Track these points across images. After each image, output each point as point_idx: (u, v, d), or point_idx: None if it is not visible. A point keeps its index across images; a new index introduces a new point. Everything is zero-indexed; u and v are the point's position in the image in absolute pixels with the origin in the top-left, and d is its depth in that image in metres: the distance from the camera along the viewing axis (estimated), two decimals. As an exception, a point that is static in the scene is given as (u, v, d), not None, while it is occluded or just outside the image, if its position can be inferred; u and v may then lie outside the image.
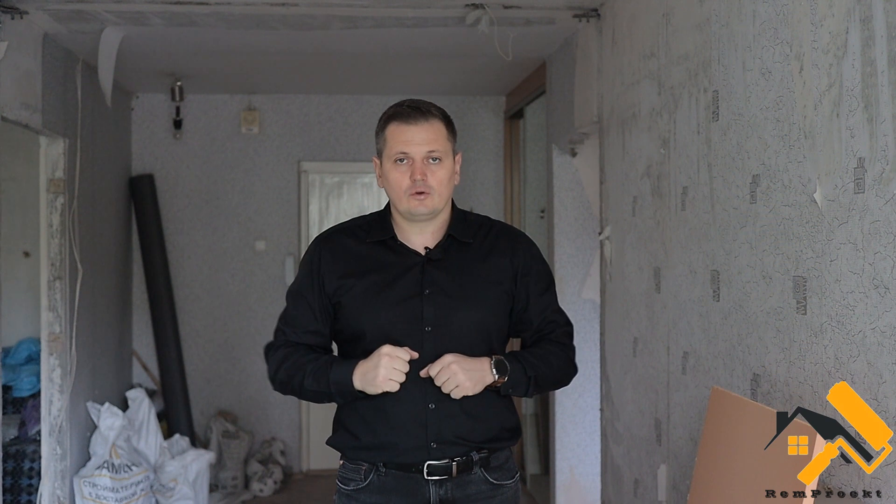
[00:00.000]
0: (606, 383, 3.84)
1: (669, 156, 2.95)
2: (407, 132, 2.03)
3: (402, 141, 2.03)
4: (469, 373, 1.98)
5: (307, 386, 2.03)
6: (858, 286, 1.81)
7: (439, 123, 2.07)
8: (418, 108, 2.06)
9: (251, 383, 6.00)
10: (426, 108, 2.06)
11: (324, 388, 2.02)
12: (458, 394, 1.98)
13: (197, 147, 5.99)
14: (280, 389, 2.12)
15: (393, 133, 2.05)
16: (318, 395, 2.05)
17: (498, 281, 2.12)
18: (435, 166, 2.05)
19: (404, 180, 2.03)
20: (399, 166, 2.05)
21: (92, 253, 4.86)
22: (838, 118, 1.88)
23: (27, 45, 3.93)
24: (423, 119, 2.04)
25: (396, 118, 2.06)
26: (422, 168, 2.03)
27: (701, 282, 2.66)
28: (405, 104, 2.08)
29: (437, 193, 2.05)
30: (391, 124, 2.06)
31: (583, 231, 4.62)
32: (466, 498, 2.07)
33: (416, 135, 2.03)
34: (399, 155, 2.04)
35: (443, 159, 2.06)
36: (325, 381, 2.01)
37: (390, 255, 2.10)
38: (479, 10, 3.76)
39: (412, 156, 2.03)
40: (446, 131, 2.08)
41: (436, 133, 2.05)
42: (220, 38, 4.31)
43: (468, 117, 6.10)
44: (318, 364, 2.03)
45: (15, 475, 4.64)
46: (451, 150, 2.09)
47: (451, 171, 2.08)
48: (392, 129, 2.06)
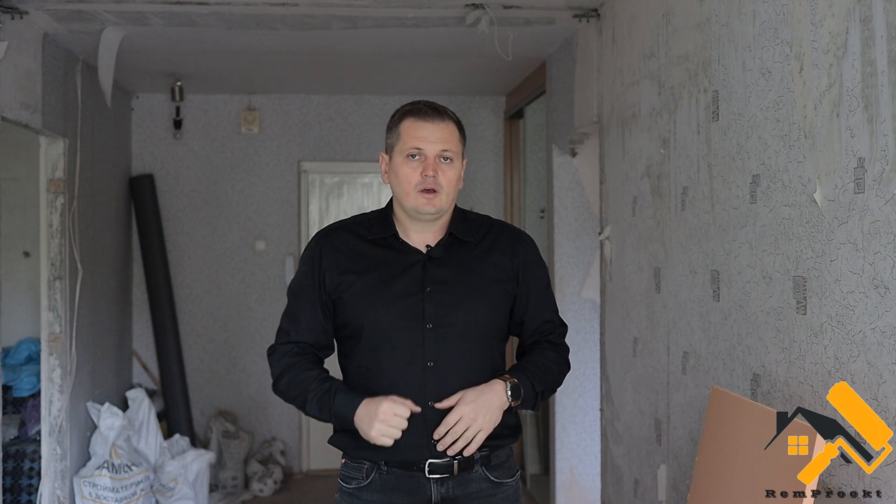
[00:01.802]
0: (606, 383, 3.84)
1: (669, 156, 2.95)
2: (423, 129, 2.05)
3: (418, 137, 2.05)
4: (487, 412, 2.00)
5: (310, 410, 2.06)
6: (858, 286, 1.81)
7: (453, 126, 2.10)
8: (435, 108, 2.10)
9: (251, 383, 6.00)
10: (443, 110, 2.10)
11: (325, 417, 2.05)
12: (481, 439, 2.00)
13: (197, 147, 5.99)
14: (282, 398, 2.14)
15: (408, 128, 2.07)
16: (319, 418, 2.08)
17: (499, 279, 2.13)
18: (446, 166, 2.06)
19: (415, 176, 2.05)
20: (411, 161, 2.06)
21: (92, 253, 4.87)
22: (838, 118, 1.88)
23: (27, 45, 3.93)
24: (440, 118, 2.07)
25: (413, 114, 2.08)
26: (434, 165, 2.05)
27: (701, 282, 2.66)
28: (422, 103, 2.11)
29: (446, 193, 2.06)
30: (407, 119, 2.08)
31: (583, 231, 4.62)
32: (467, 496, 2.08)
33: (432, 132, 2.05)
34: (413, 150, 2.06)
35: (454, 160, 2.08)
36: (328, 411, 2.03)
37: (391, 252, 2.11)
38: (479, 10, 3.76)
39: (426, 152, 2.05)
40: (458, 134, 2.11)
41: (450, 134, 2.08)
42: (220, 38, 4.31)
43: (468, 117, 6.10)
44: (322, 390, 2.04)
45: (15, 475, 4.64)
46: (460, 154, 2.12)
47: (458, 174, 2.11)
48: (408, 124, 2.08)
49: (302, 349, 2.12)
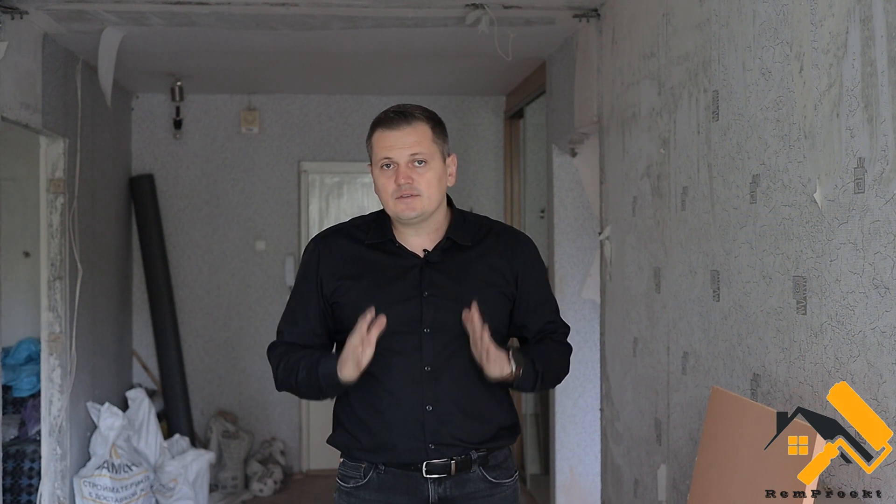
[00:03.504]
0: (606, 383, 3.84)
1: (669, 156, 2.95)
2: (389, 137, 2.05)
3: (386, 146, 2.05)
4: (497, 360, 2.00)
5: (301, 380, 2.05)
6: (858, 286, 1.81)
7: (423, 126, 2.07)
8: (401, 112, 2.07)
9: (251, 383, 6.00)
10: (409, 112, 2.07)
11: (314, 382, 2.03)
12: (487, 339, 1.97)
13: (197, 147, 5.99)
14: (281, 388, 2.14)
15: (377, 140, 2.08)
16: (312, 391, 2.06)
17: (497, 283, 2.12)
18: (421, 169, 2.05)
19: (390, 185, 2.05)
20: (385, 172, 2.06)
21: (92, 253, 4.86)
22: (838, 118, 1.88)
23: (27, 45, 3.93)
24: (406, 123, 2.05)
25: (379, 125, 2.08)
26: (406, 172, 2.04)
27: (701, 282, 2.66)
28: (390, 110, 2.10)
29: (427, 196, 2.05)
30: (376, 131, 2.09)
31: (583, 231, 4.62)
32: (465, 496, 2.08)
33: (399, 139, 2.04)
34: (384, 160, 2.06)
35: (428, 161, 2.05)
36: (315, 374, 2.02)
37: (388, 256, 2.11)
38: (479, 10, 3.76)
39: (396, 160, 2.05)
40: (432, 133, 2.08)
41: (419, 136, 2.05)
42: (220, 38, 4.31)
43: (468, 117, 6.10)
44: (310, 360, 2.05)
45: (15, 475, 4.64)
46: (438, 152, 2.09)
47: (440, 173, 2.08)
48: (377, 136, 2.08)
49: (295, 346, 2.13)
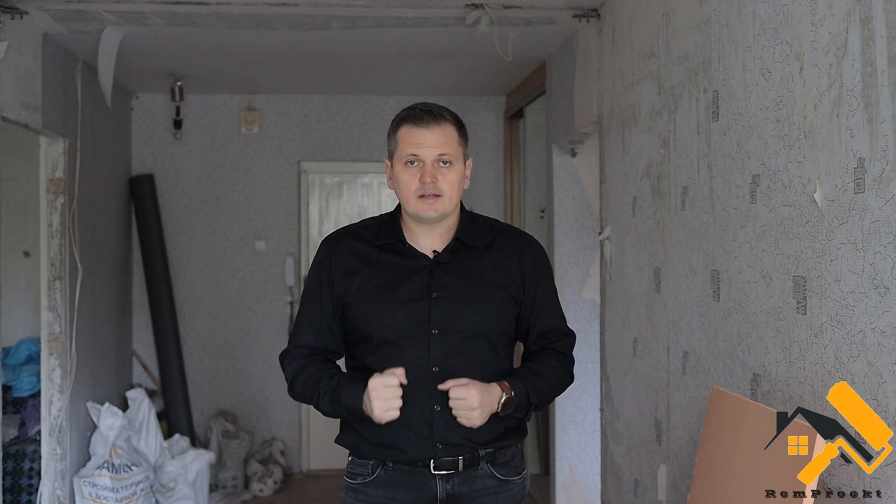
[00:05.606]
0: (606, 383, 3.84)
1: (669, 156, 2.95)
2: (419, 135, 2.05)
3: (414, 143, 2.05)
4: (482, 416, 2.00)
5: (324, 408, 2.08)
6: (858, 286, 1.81)
7: (451, 128, 2.08)
8: (430, 111, 2.07)
9: (251, 383, 6.00)
10: (438, 112, 2.08)
11: (339, 413, 2.07)
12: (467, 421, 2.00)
13: (197, 147, 5.99)
14: (298, 400, 2.16)
15: (404, 135, 2.07)
16: (334, 415, 2.09)
17: (505, 285, 2.13)
18: (445, 170, 2.06)
19: (414, 182, 2.05)
20: (409, 168, 2.06)
21: (92, 253, 4.86)
22: (838, 118, 1.88)
23: (27, 45, 3.93)
24: (435, 122, 2.06)
25: (408, 121, 2.07)
26: (432, 171, 2.04)
27: (701, 282, 2.66)
28: (418, 107, 2.09)
29: (448, 197, 2.06)
30: (403, 127, 2.08)
31: (583, 231, 4.62)
32: (473, 493, 2.09)
33: (428, 138, 2.04)
34: (410, 157, 2.05)
35: (453, 163, 2.07)
36: (339, 406, 2.04)
37: (398, 257, 2.11)
38: (479, 10, 3.76)
39: (423, 158, 2.05)
40: (458, 136, 2.09)
41: (447, 137, 2.06)
42: (220, 38, 4.31)
43: (468, 117, 6.09)
44: (331, 386, 2.06)
45: (15, 475, 4.64)
46: (461, 155, 2.10)
47: (461, 175, 2.10)
48: (404, 131, 2.07)
49: (313, 352, 2.14)
